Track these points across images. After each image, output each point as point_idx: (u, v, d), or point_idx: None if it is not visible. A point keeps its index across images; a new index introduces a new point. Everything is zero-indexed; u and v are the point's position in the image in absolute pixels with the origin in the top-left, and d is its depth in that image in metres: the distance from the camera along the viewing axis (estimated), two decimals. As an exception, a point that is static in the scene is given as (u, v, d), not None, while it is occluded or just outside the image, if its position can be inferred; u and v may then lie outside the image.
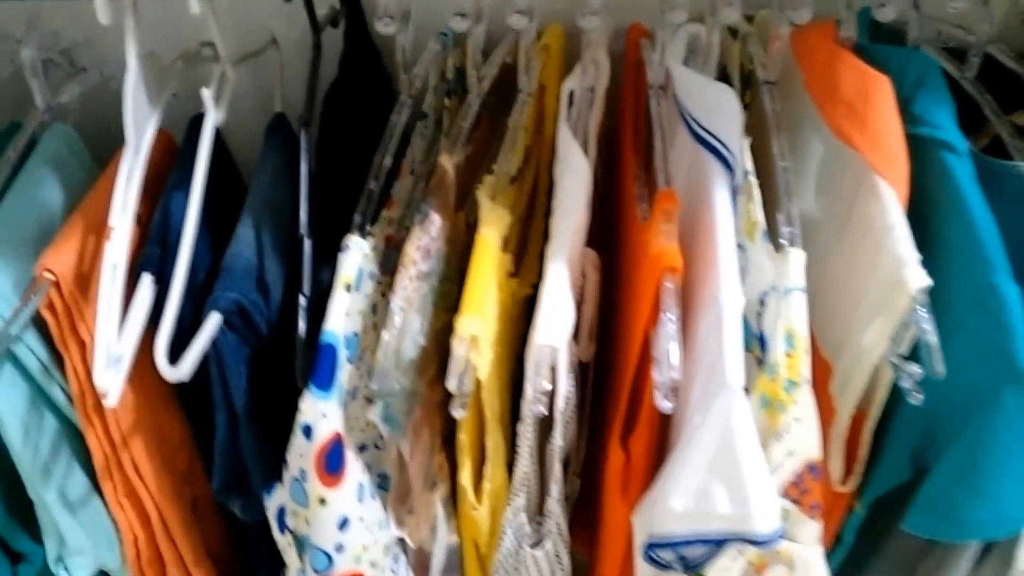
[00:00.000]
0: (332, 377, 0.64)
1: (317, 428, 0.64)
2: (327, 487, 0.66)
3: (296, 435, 0.66)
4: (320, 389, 0.64)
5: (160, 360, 0.66)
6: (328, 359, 0.64)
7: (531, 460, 0.76)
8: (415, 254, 0.67)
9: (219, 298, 0.72)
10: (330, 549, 0.68)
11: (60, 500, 0.84)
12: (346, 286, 0.67)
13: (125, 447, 0.82)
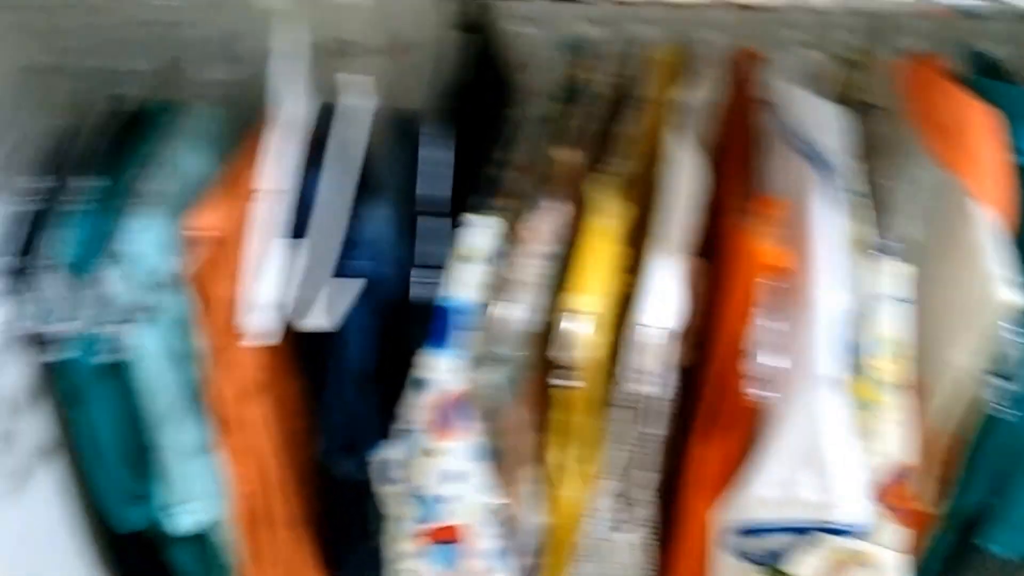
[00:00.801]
0: (449, 337, 0.70)
1: (431, 382, 0.70)
2: (436, 439, 0.71)
3: (411, 388, 0.71)
4: (437, 347, 0.70)
5: (303, 312, 0.72)
6: (446, 320, 0.70)
7: (627, 446, 0.80)
8: (535, 235, 0.73)
9: (355, 265, 0.79)
10: (430, 499, 0.73)
11: (178, 448, 0.90)
12: (466, 258, 0.72)
13: (251, 401, 0.88)
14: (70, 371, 0.86)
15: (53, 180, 0.77)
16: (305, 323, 0.73)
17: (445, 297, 0.70)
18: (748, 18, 0.84)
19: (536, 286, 0.73)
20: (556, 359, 0.72)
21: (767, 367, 0.65)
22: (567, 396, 0.77)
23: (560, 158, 0.78)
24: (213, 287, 0.84)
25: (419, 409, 0.71)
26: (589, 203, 0.76)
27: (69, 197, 0.82)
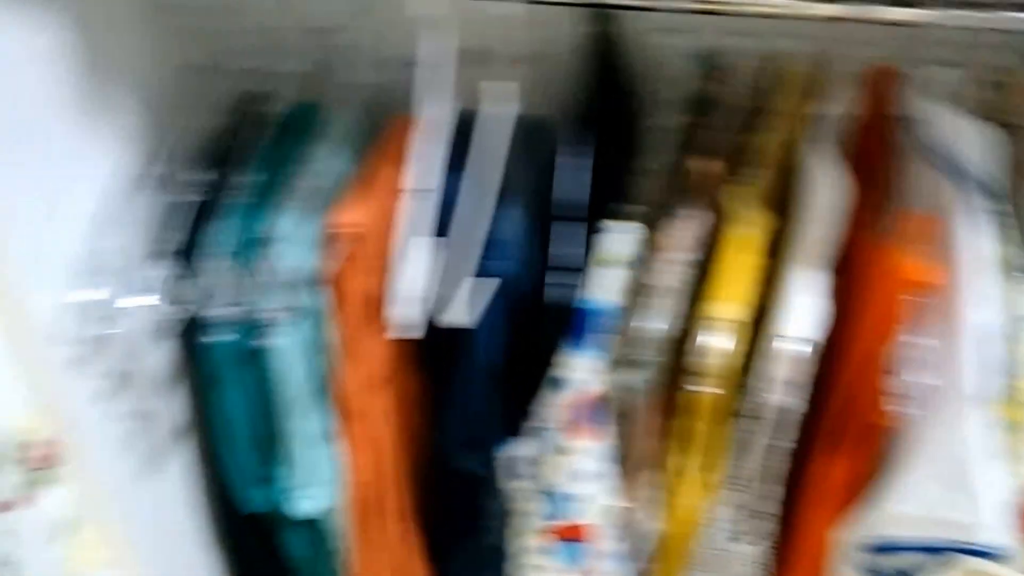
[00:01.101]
0: (589, 338, 0.71)
1: (569, 382, 0.71)
2: (570, 438, 0.73)
3: (549, 387, 0.73)
4: (576, 348, 0.71)
5: (444, 308, 0.74)
6: (586, 322, 0.71)
7: (753, 457, 0.80)
8: (675, 242, 0.74)
9: (493, 265, 0.81)
10: (565, 497, 0.74)
11: (304, 435, 0.93)
12: (606, 263, 0.74)
13: (375, 393, 0.91)
14: (214, 355, 0.89)
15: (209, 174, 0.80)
16: (445, 319, 0.75)
17: (585, 300, 0.72)
18: (890, 34, 0.84)
19: (675, 292, 0.74)
20: (692, 365, 0.72)
21: (912, 385, 0.65)
22: (698, 403, 0.78)
23: (698, 167, 0.78)
24: (349, 282, 0.87)
25: (555, 408, 0.72)
26: (729, 213, 0.76)
27: (223, 191, 0.86)
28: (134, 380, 0.90)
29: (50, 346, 0.76)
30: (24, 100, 0.73)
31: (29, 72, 0.74)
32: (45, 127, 0.76)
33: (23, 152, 0.73)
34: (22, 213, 0.73)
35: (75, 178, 0.81)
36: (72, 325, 0.80)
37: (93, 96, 0.81)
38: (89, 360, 0.82)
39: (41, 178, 0.75)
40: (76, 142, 0.80)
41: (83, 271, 0.81)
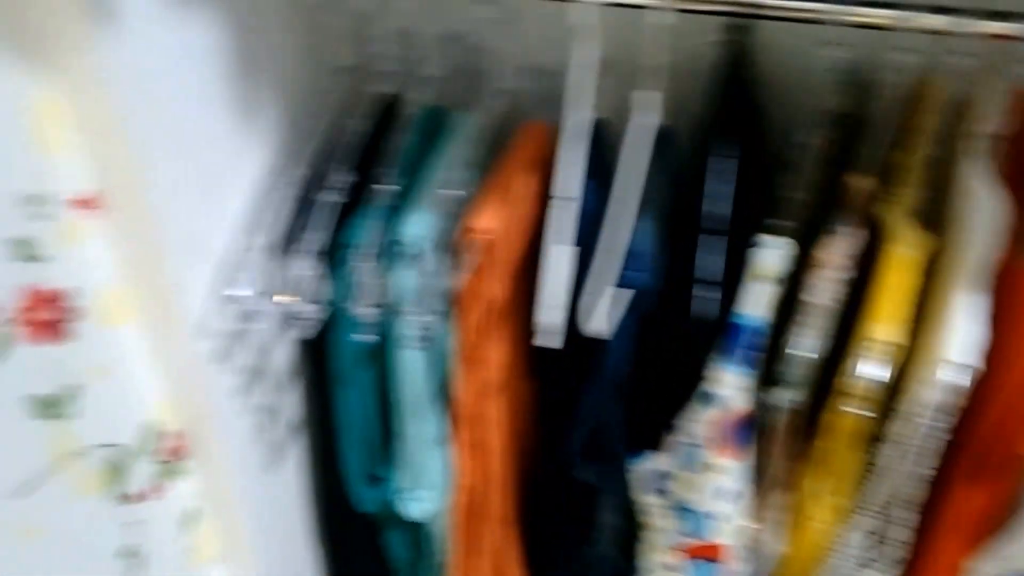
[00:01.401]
0: (739, 354, 0.70)
1: (722, 399, 0.70)
2: (720, 456, 0.71)
3: (699, 403, 0.71)
4: (731, 364, 0.70)
5: (585, 317, 0.73)
6: (740, 338, 0.70)
7: (891, 482, 0.78)
8: (834, 260, 0.72)
9: (630, 277, 0.79)
10: (702, 515, 0.73)
11: (424, 436, 0.93)
12: (762, 278, 0.72)
13: (489, 400, 0.90)
14: (343, 354, 0.89)
15: (349, 175, 0.80)
16: (587, 328, 0.74)
17: (738, 315, 0.70)
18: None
19: (829, 311, 0.72)
20: (846, 387, 0.71)
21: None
22: (843, 425, 0.76)
23: (854, 184, 0.77)
24: (477, 287, 0.86)
25: (702, 423, 0.71)
26: (888, 231, 0.74)
27: (363, 192, 0.86)
28: (265, 376, 0.90)
29: (195, 339, 0.76)
30: (184, 98, 0.74)
31: (190, 71, 0.75)
32: (202, 125, 0.77)
33: (182, 148, 0.74)
34: (181, 207, 0.74)
35: (227, 175, 0.81)
36: (216, 319, 0.80)
37: (246, 95, 0.82)
38: (228, 355, 0.82)
39: (198, 174, 0.76)
40: (229, 140, 0.81)
41: (229, 267, 0.82)
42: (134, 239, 0.72)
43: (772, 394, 0.72)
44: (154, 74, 0.69)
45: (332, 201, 0.80)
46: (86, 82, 0.65)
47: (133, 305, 0.76)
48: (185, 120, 0.74)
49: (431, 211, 0.86)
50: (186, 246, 0.74)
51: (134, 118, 0.67)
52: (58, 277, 0.68)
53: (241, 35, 0.80)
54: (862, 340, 0.69)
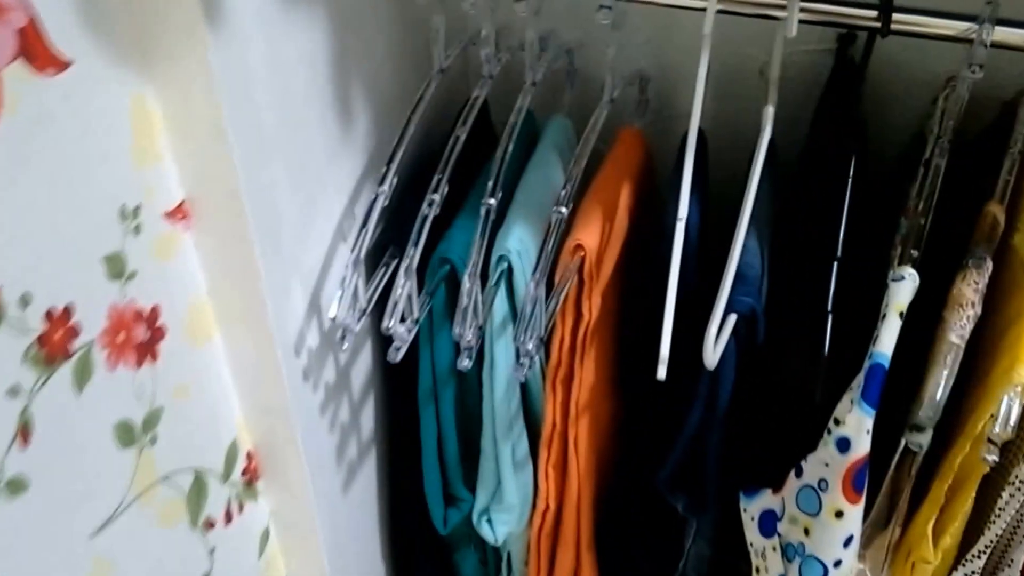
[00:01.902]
0: (879, 396, 0.65)
1: (856, 443, 0.66)
2: (849, 503, 0.67)
3: (828, 445, 0.67)
4: (869, 406, 0.65)
5: (709, 346, 0.69)
6: (878, 378, 0.65)
7: (1007, 527, 0.75)
8: (973, 295, 0.67)
9: (737, 301, 0.75)
10: (829, 563, 0.70)
11: (510, 457, 0.89)
12: (899, 313, 0.68)
13: (575, 421, 0.87)
14: (430, 370, 0.85)
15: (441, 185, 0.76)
16: (708, 357, 0.70)
17: (878, 353, 0.66)
18: None
19: (959, 350, 0.68)
20: (981, 431, 0.66)
21: None
22: (967, 468, 0.72)
23: (995, 210, 0.72)
24: (570, 306, 0.82)
25: (830, 468, 0.67)
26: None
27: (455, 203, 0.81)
28: (347, 393, 0.86)
29: (285, 356, 0.72)
30: (285, 103, 0.71)
31: (292, 74, 0.71)
32: (301, 131, 0.73)
33: (280, 155, 0.70)
34: (276, 218, 0.70)
35: (322, 183, 0.77)
36: (306, 336, 0.76)
37: (344, 99, 0.78)
38: (314, 371, 0.78)
39: (294, 183, 0.72)
40: (325, 146, 0.77)
41: (322, 282, 0.77)
42: (228, 252, 0.68)
43: (909, 438, 0.68)
44: (259, 78, 0.66)
45: (428, 213, 0.75)
46: (192, 86, 0.61)
47: (220, 321, 0.72)
48: (284, 126, 0.70)
49: (530, 226, 0.82)
50: (279, 259, 0.71)
51: (237, 124, 0.63)
52: (148, 294, 0.64)
53: (342, 36, 0.76)
54: (1005, 382, 0.65)
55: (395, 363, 0.80)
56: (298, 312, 0.76)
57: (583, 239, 0.80)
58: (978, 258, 0.70)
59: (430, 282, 0.82)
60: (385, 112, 0.85)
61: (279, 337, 0.73)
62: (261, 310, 0.71)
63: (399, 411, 0.96)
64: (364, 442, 0.93)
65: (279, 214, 0.71)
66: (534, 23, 0.79)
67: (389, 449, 0.98)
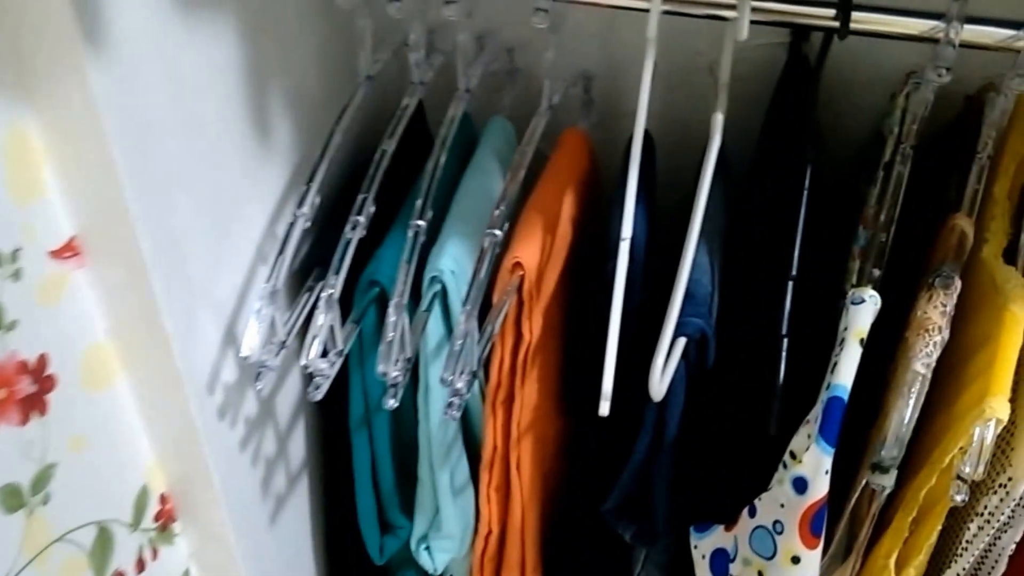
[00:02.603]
0: (839, 432, 0.61)
1: (814, 484, 0.61)
2: (807, 547, 0.63)
3: (784, 484, 0.63)
4: (828, 444, 0.60)
5: (655, 377, 0.63)
6: (838, 413, 0.61)
7: (969, 557, 0.71)
8: (940, 319, 0.63)
9: (686, 323, 0.70)
10: (787, 610, 0.65)
11: (449, 484, 0.84)
12: (860, 340, 0.63)
13: (516, 443, 0.82)
14: (360, 397, 0.79)
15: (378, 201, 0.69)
16: (654, 389, 0.64)
17: (835, 384, 0.61)
18: None
19: (925, 381, 0.63)
20: (946, 463, 0.62)
21: None
22: (932, 500, 0.68)
23: (963, 224, 0.67)
24: (509, 326, 0.76)
25: (785, 509, 0.62)
26: (997, 285, 0.65)
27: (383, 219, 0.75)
28: (269, 426, 0.80)
29: (196, 396, 0.66)
30: (188, 122, 0.64)
31: (207, 88, 0.64)
32: (210, 151, 0.67)
33: (185, 179, 0.64)
34: (181, 248, 0.63)
35: (237, 205, 0.70)
36: (220, 372, 0.69)
37: (260, 112, 0.71)
38: (232, 407, 0.72)
39: (202, 207, 0.66)
40: (240, 165, 0.71)
41: (237, 314, 0.71)
42: (125, 288, 0.62)
43: (872, 479, 0.63)
44: (157, 98, 0.58)
45: (355, 234, 0.68)
46: (74, 113, 0.54)
47: (123, 363, 0.65)
48: (190, 146, 0.63)
49: (466, 242, 0.76)
50: (185, 291, 0.65)
51: (129, 150, 0.57)
52: (32, 343, 0.57)
53: (259, 44, 0.69)
54: (976, 415, 0.60)
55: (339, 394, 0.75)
56: (210, 346, 0.69)
57: (522, 256, 0.74)
58: (945, 277, 0.65)
59: (358, 306, 0.75)
60: (310, 124, 0.78)
61: (188, 376, 0.66)
62: (166, 348, 0.64)
63: (330, 438, 0.90)
64: (293, 472, 0.86)
65: (183, 243, 0.64)
66: (467, 25, 0.72)
67: (321, 478, 0.92)
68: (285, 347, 0.70)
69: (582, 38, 0.90)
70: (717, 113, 0.70)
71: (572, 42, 0.88)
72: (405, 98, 0.75)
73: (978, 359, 0.66)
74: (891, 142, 0.80)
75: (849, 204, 0.89)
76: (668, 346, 0.67)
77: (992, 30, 0.67)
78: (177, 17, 0.60)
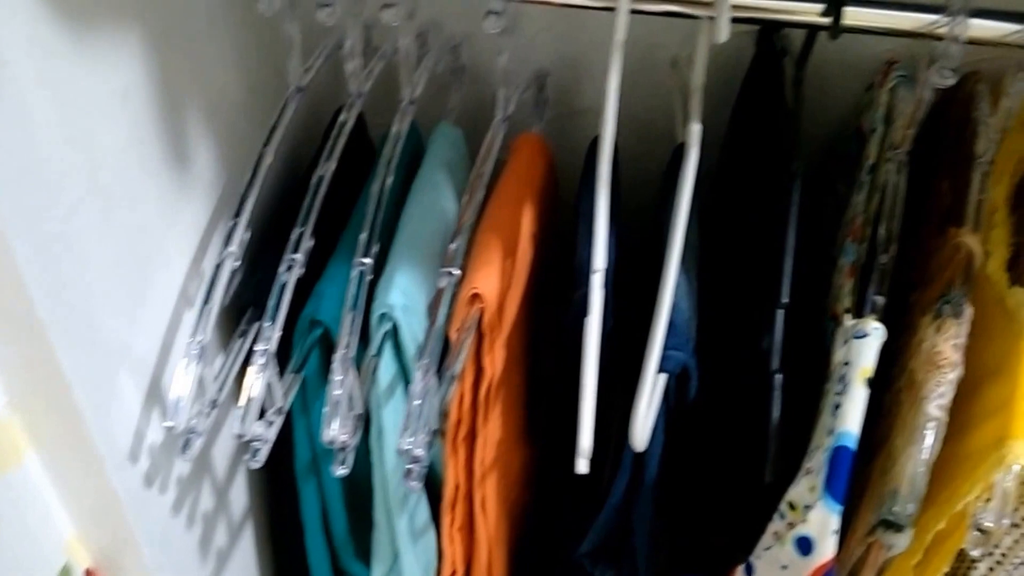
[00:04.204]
0: (839, 485, 0.54)
1: (822, 545, 0.55)
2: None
3: (786, 544, 0.56)
4: (836, 501, 0.54)
5: (638, 425, 0.56)
6: (846, 465, 0.54)
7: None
8: (953, 354, 0.56)
9: (668, 358, 0.63)
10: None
11: (408, 528, 0.77)
12: (866, 380, 0.56)
13: (480, 481, 0.75)
14: (312, 443, 0.72)
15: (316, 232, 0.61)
16: (637, 440, 0.57)
17: (843, 433, 0.54)
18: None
19: (943, 424, 0.57)
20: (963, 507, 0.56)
21: None
22: (941, 542, 0.62)
23: (972, 243, 0.61)
24: (468, 361, 0.69)
25: (792, 572, 0.55)
26: (1012, 311, 0.59)
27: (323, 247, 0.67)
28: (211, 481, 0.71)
29: (117, 465, 0.58)
30: (101, 151, 0.55)
31: (109, 115, 0.55)
32: (128, 179, 0.57)
33: (101, 215, 0.55)
34: (87, 304, 0.55)
35: (152, 247, 0.61)
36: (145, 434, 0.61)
37: (182, 133, 0.61)
38: (162, 471, 0.63)
39: (110, 255, 0.56)
40: (154, 200, 0.61)
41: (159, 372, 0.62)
42: (23, 355, 0.53)
43: (884, 537, 0.57)
44: (41, 134, 0.49)
45: (291, 275, 0.60)
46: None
47: (31, 438, 0.56)
48: (91, 186, 0.53)
49: (417, 270, 0.68)
50: (94, 352, 0.56)
51: (14, 201, 0.48)
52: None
53: (171, 59, 0.60)
54: (996, 461, 0.54)
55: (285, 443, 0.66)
56: (130, 410, 0.60)
57: (480, 286, 0.66)
58: (956, 304, 0.59)
59: (299, 350, 0.67)
60: (237, 143, 0.69)
61: (106, 445, 0.58)
62: (76, 419, 0.55)
63: (276, 486, 0.82)
64: (236, 526, 0.78)
65: (91, 300, 0.55)
66: (410, 28, 0.63)
67: (269, 528, 0.84)
68: (217, 406, 0.61)
69: (532, 32, 0.82)
70: (693, 123, 0.62)
71: (522, 37, 0.80)
72: (343, 113, 0.66)
73: (991, 391, 0.60)
74: (875, 142, 0.73)
75: (822, 202, 0.82)
76: (649, 393, 0.59)
77: (998, 24, 0.60)
78: (65, 35, 0.51)
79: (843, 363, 0.59)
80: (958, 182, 0.70)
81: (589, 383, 0.57)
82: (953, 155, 0.72)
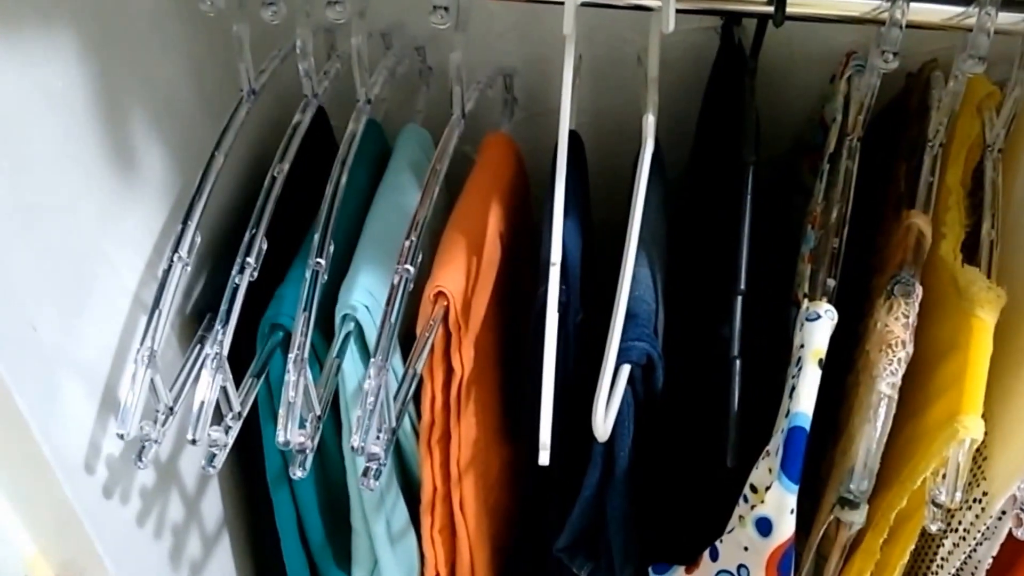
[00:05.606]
0: (794, 465, 0.54)
1: (779, 525, 0.55)
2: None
3: (746, 526, 0.56)
4: (792, 481, 0.54)
5: (599, 415, 0.57)
6: (800, 445, 0.55)
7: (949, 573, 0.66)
8: (903, 333, 0.57)
9: (631, 348, 0.63)
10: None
11: (386, 532, 0.78)
12: (818, 361, 0.57)
13: (457, 482, 0.75)
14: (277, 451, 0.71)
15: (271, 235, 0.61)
16: (599, 430, 0.58)
17: (796, 414, 0.55)
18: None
19: (893, 401, 0.57)
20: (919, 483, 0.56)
21: None
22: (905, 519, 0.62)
23: (921, 224, 0.61)
24: (437, 360, 0.69)
25: (758, 554, 0.56)
26: (960, 288, 0.60)
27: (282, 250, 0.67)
28: (179, 489, 0.71)
29: (72, 477, 0.57)
30: (35, 158, 0.54)
31: (45, 120, 0.55)
32: (68, 185, 0.57)
33: (39, 222, 0.54)
34: (30, 313, 0.54)
35: (97, 255, 0.60)
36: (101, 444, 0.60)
37: (120, 139, 0.61)
38: (122, 481, 0.63)
39: (52, 263, 0.56)
40: (111, 200, 0.61)
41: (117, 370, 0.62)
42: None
43: (842, 515, 0.57)
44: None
45: (243, 279, 0.60)
46: None
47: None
48: (25, 189, 0.53)
49: (381, 270, 0.68)
50: (37, 361, 0.55)
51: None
52: None
53: (102, 62, 0.60)
54: (949, 435, 0.55)
55: (239, 439, 0.66)
56: (82, 419, 0.60)
57: (445, 284, 0.67)
58: (905, 284, 0.59)
59: (261, 354, 0.67)
60: (191, 147, 0.69)
61: (56, 457, 0.57)
62: (23, 431, 0.55)
63: (252, 495, 0.82)
64: (210, 537, 0.78)
65: (30, 308, 0.55)
66: (362, 27, 0.64)
67: (245, 535, 0.83)
68: (173, 413, 0.61)
69: (499, 31, 0.82)
70: (648, 115, 0.63)
71: (488, 36, 0.80)
72: (297, 114, 0.66)
73: (945, 368, 0.61)
74: (835, 130, 0.74)
75: (790, 194, 0.83)
76: (611, 379, 0.60)
77: (940, 8, 0.60)
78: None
79: (799, 346, 0.60)
80: (912, 166, 0.71)
81: (548, 374, 0.58)
82: (913, 141, 0.73)
